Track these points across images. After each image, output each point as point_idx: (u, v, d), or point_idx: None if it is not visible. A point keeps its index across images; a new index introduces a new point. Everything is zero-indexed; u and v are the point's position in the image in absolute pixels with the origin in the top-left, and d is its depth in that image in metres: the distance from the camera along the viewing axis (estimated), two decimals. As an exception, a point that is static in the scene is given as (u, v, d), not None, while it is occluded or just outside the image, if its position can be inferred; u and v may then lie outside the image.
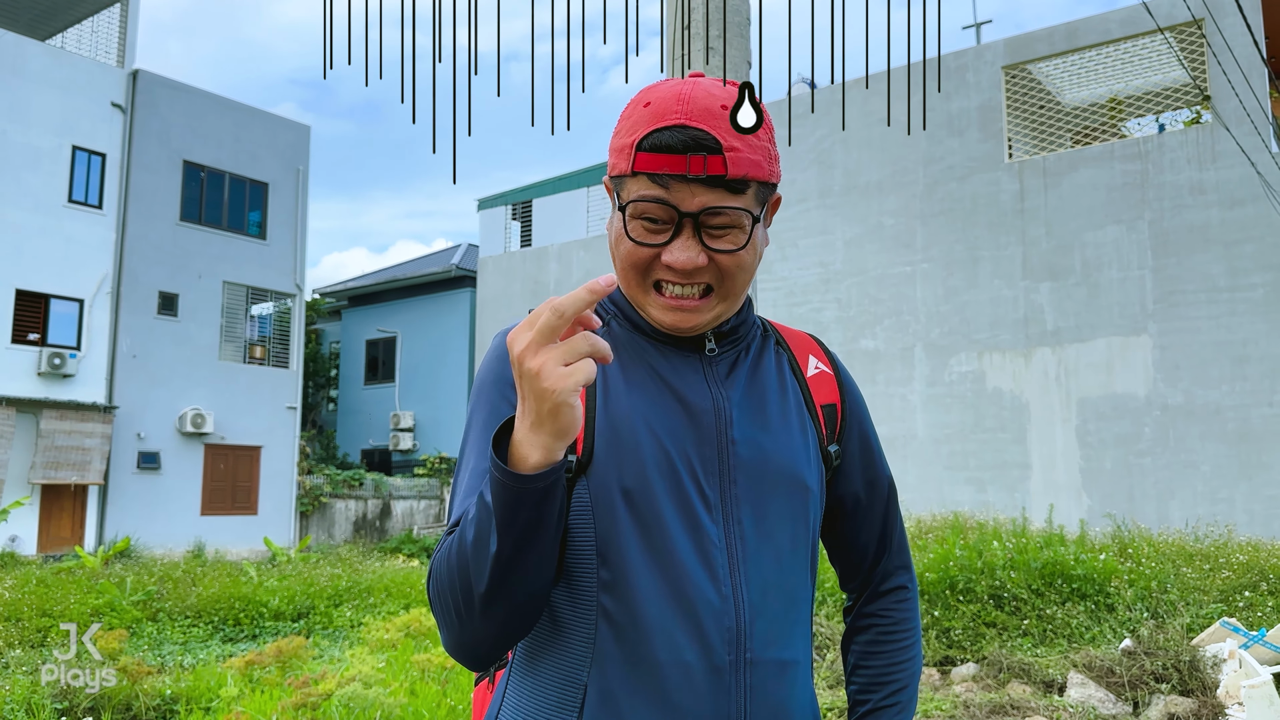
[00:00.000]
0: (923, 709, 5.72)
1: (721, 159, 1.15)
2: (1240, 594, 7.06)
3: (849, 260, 18.98)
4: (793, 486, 1.25)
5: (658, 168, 1.15)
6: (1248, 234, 15.14)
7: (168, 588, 14.01)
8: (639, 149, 1.16)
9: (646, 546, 1.16)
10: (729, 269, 1.19)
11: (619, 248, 1.21)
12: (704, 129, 1.15)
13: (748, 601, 1.19)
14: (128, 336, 19.53)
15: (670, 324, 1.21)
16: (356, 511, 23.07)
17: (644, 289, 1.21)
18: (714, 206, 1.15)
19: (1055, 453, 16.48)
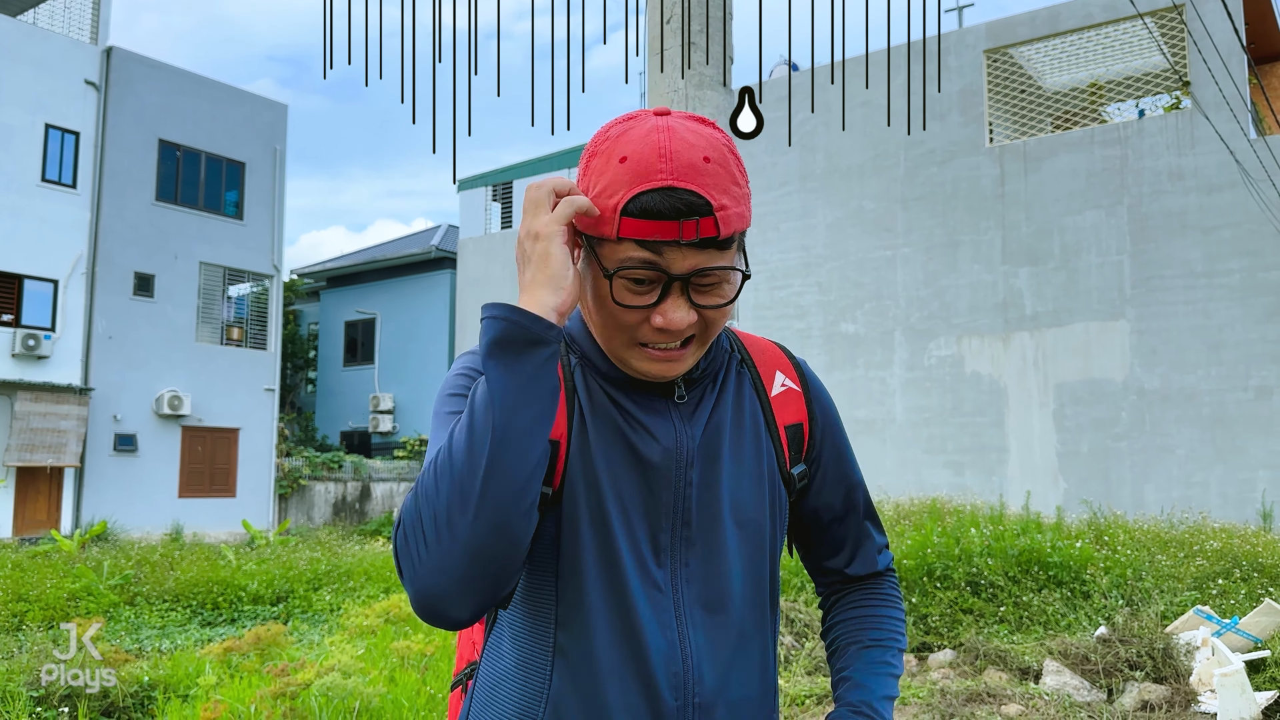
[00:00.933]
0: (900, 696, 5.76)
1: (713, 220, 1.12)
2: (1214, 581, 7.15)
3: (830, 244, 18.99)
4: (744, 525, 1.24)
5: (648, 234, 1.11)
6: (1225, 220, 15.24)
7: (145, 571, 13.92)
8: (624, 214, 1.11)
9: (602, 589, 1.17)
10: (713, 321, 1.18)
11: (602, 308, 1.18)
12: (693, 189, 1.11)
13: (693, 645, 1.19)
14: (103, 318, 19.32)
15: (654, 374, 1.20)
16: (336, 494, 22.99)
17: (627, 345, 1.19)
18: (705, 268, 1.13)
19: (1033, 437, 16.61)
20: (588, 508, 1.18)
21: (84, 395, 18.69)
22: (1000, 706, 5.46)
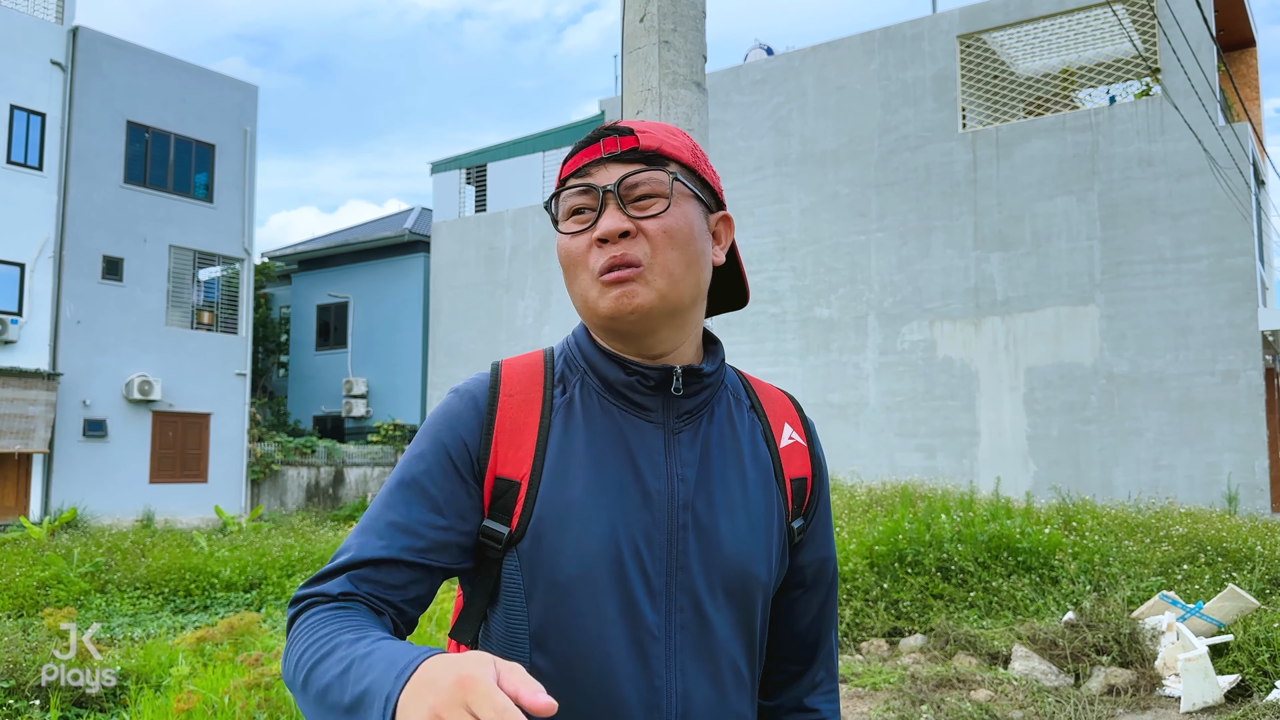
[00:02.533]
0: (871, 681, 5.84)
1: (634, 137, 1.17)
2: (1179, 566, 7.27)
3: (804, 229, 19.04)
4: (742, 574, 1.20)
5: (578, 163, 1.19)
6: (1193, 206, 15.41)
7: (116, 559, 13.81)
8: (564, 162, 1.21)
9: (583, 635, 1.13)
10: (658, 237, 1.15)
11: (561, 257, 1.21)
12: (617, 124, 1.21)
13: (680, 692, 1.15)
14: (71, 302, 19.06)
15: (612, 306, 1.15)
16: (309, 479, 22.88)
17: (590, 284, 1.17)
18: (629, 173, 1.16)
19: (1003, 420, 16.78)
20: (568, 549, 1.13)
21: (52, 380, 18.47)
22: (970, 691, 5.54)
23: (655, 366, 1.20)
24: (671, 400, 1.22)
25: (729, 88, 20.04)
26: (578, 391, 1.22)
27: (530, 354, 1.28)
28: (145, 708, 6.58)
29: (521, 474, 1.16)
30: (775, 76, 19.67)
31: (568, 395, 1.22)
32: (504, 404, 1.19)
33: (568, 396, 1.22)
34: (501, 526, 1.15)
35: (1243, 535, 7.89)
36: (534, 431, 1.18)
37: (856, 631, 7.20)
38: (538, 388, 1.22)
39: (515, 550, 1.15)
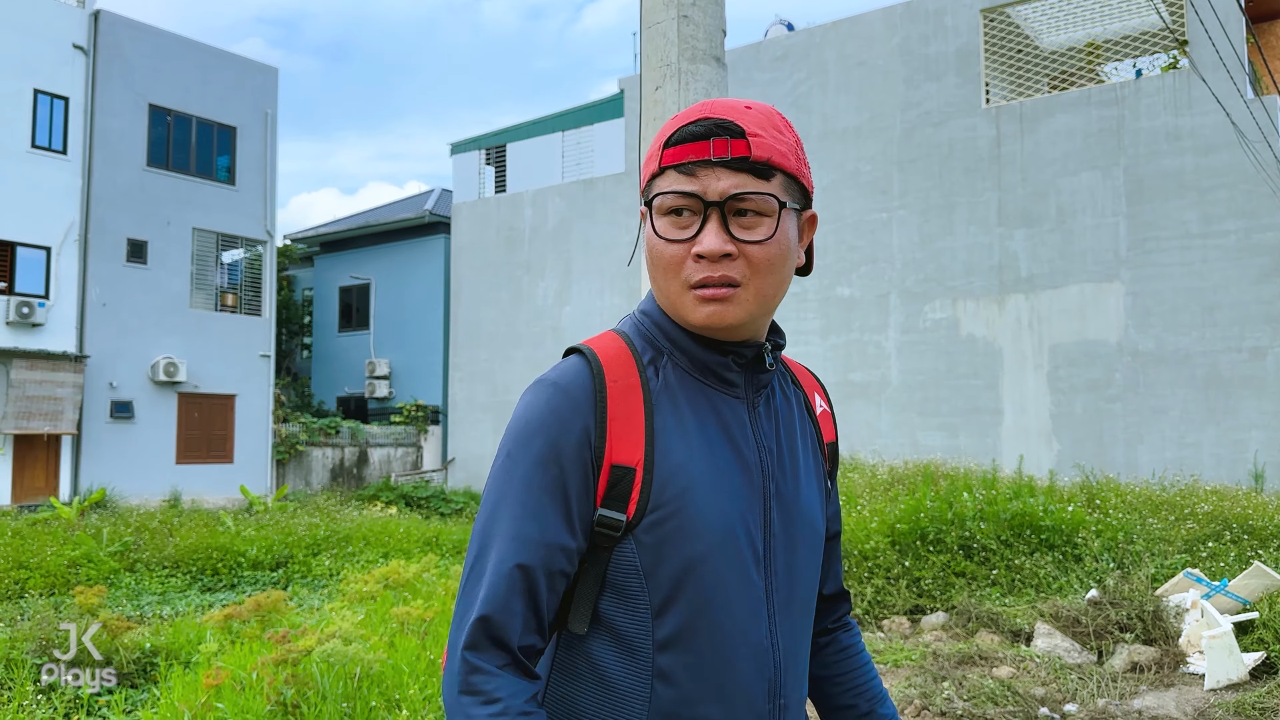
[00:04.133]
0: (893, 658, 5.85)
1: (745, 142, 1.16)
2: (1204, 544, 7.22)
3: (826, 207, 18.92)
4: (813, 533, 1.29)
5: (683, 157, 1.16)
6: (1221, 181, 15.20)
7: (144, 538, 14.01)
8: (666, 145, 1.19)
9: (704, 607, 1.17)
10: (758, 262, 1.17)
11: (650, 253, 1.22)
12: (728, 118, 1.17)
13: (783, 650, 1.23)
14: (97, 285, 19.25)
15: (704, 320, 1.18)
16: (333, 459, 23.07)
17: (681, 292, 1.19)
18: (739, 193, 1.15)
19: (1026, 398, 16.68)
20: (686, 528, 1.17)
21: (79, 363, 18.68)
22: (992, 669, 5.54)
23: (747, 344, 1.25)
24: (752, 375, 1.27)
25: (749, 65, 19.90)
26: (669, 372, 1.24)
27: (606, 337, 1.28)
28: (175, 683, 6.68)
29: (636, 459, 1.17)
30: (796, 53, 19.51)
31: (661, 377, 1.24)
32: (611, 390, 1.19)
33: (661, 378, 1.24)
34: (618, 514, 1.17)
35: (1269, 513, 7.83)
36: (641, 416, 1.19)
37: (878, 609, 7.20)
38: (634, 372, 1.22)
39: (633, 536, 1.17)
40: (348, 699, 5.83)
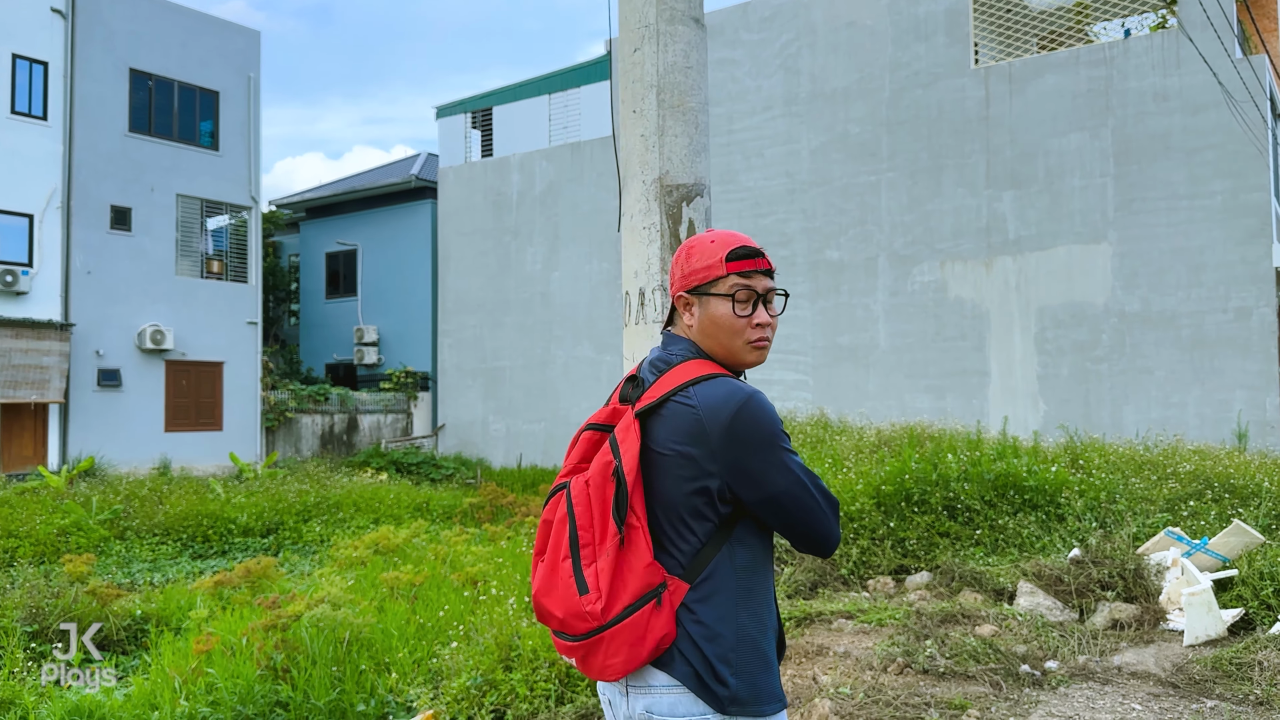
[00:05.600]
0: (876, 617, 5.91)
1: (767, 260, 2.05)
2: (1185, 503, 7.29)
3: (814, 169, 18.86)
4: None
5: (747, 267, 2.00)
6: (1208, 141, 15.19)
7: (134, 506, 14.02)
8: (729, 259, 2.00)
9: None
10: (775, 326, 2.05)
11: (725, 322, 1.99)
12: (758, 248, 2.04)
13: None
14: (81, 252, 19.10)
15: (756, 360, 2.03)
16: (323, 426, 23.07)
17: (744, 347, 2.00)
18: (774, 288, 2.05)
19: (1013, 360, 16.75)
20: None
21: (65, 331, 18.58)
22: (974, 627, 5.61)
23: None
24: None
25: (737, 25, 19.72)
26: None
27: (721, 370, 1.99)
28: (165, 649, 6.72)
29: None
30: (784, 13, 19.34)
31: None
32: None
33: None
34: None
35: (1250, 472, 7.90)
36: None
37: (863, 569, 7.27)
38: None
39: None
40: (337, 663, 5.88)
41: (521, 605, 5.99)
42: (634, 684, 1.88)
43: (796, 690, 4.67)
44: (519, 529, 10.37)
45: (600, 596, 1.80)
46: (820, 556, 1.97)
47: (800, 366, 18.79)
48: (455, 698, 5.00)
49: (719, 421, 1.85)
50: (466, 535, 10.54)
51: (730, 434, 1.85)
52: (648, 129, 2.88)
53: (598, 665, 1.83)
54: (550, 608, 1.85)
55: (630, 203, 2.98)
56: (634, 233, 3.00)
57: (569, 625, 1.82)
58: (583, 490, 1.87)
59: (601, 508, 1.85)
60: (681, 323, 2.03)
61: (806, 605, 6.32)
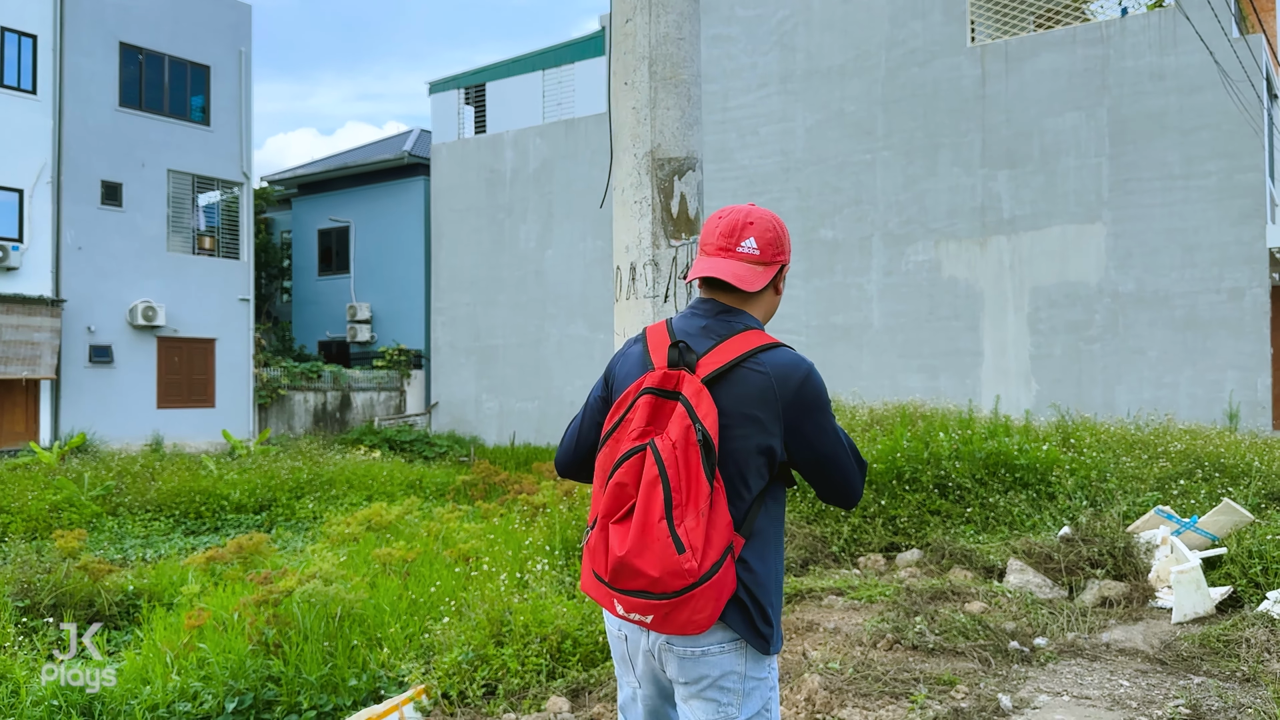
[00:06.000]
0: (867, 594, 5.93)
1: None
2: (1176, 482, 7.32)
3: (809, 148, 18.78)
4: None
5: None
6: (1204, 121, 15.15)
7: (126, 482, 14.00)
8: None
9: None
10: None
11: (777, 302, 2.27)
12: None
13: None
14: (71, 228, 18.98)
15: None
16: (315, 404, 23.04)
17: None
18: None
19: (1006, 340, 16.77)
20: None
21: (56, 307, 18.49)
22: (964, 604, 5.63)
23: None
24: None
25: (732, 1, 19.59)
26: None
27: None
28: (157, 625, 6.73)
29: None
30: (780, -10, 19.19)
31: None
32: None
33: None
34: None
35: (1241, 451, 7.93)
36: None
37: (854, 546, 7.30)
38: None
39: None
40: (329, 638, 5.88)
41: (513, 581, 6.00)
42: (683, 645, 2.04)
43: (786, 666, 4.69)
44: (511, 506, 10.37)
45: (696, 554, 1.88)
46: (845, 509, 2.47)
47: (794, 345, 18.75)
48: (447, 672, 5.01)
49: (789, 387, 2.02)
50: (459, 512, 10.55)
51: (797, 399, 2.02)
52: (639, 101, 2.85)
53: (682, 620, 1.92)
54: (644, 567, 1.88)
55: (621, 176, 2.96)
56: (625, 207, 2.97)
57: (663, 583, 1.88)
58: (670, 453, 1.91)
59: (689, 469, 1.91)
60: (767, 293, 2.19)
61: (798, 582, 6.34)
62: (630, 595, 1.93)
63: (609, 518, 1.95)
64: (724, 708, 2.04)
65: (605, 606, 2.02)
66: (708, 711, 2.05)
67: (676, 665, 2.05)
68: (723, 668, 2.03)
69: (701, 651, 2.02)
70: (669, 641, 2.04)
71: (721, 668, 2.03)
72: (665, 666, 2.08)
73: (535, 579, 6.13)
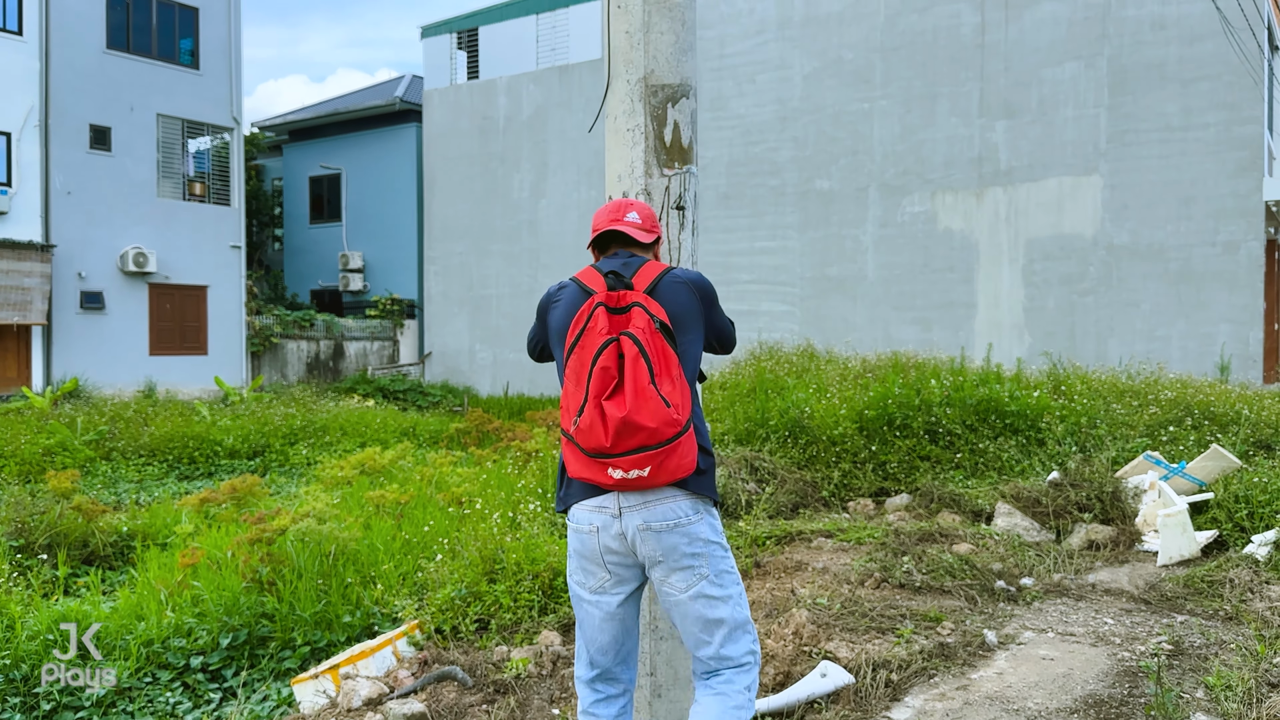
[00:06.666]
0: (855, 536, 5.98)
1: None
2: (1165, 429, 7.36)
3: (806, 96, 18.60)
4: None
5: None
6: (1204, 72, 15.03)
7: (120, 427, 14.00)
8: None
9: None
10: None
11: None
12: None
13: None
14: (60, 172, 18.78)
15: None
16: (309, 352, 23.00)
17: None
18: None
19: (1000, 292, 16.76)
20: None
21: (46, 252, 18.36)
22: (951, 545, 5.68)
23: None
24: None
25: None
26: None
27: None
28: (151, 564, 6.77)
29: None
30: (778, -66, 18.87)
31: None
32: None
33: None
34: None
35: (1231, 400, 7.97)
36: None
37: (844, 492, 7.34)
38: None
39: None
40: (323, 576, 5.92)
41: (506, 521, 6.04)
42: (650, 498, 2.50)
43: (775, 602, 4.74)
44: (505, 453, 10.41)
45: (677, 409, 2.40)
46: (726, 354, 2.86)
47: (788, 298, 18.75)
48: (440, 608, 5.06)
49: (703, 289, 2.69)
50: (453, 458, 10.59)
51: (705, 294, 2.69)
52: (632, 25, 2.81)
53: (673, 466, 2.42)
54: (643, 421, 2.35)
55: (614, 103, 2.92)
56: (618, 135, 2.94)
57: (659, 434, 2.37)
58: (644, 336, 2.43)
59: (660, 348, 2.45)
60: (651, 255, 2.78)
61: (787, 525, 6.39)
62: (629, 455, 2.38)
63: (600, 397, 2.40)
64: (697, 570, 2.51)
65: (597, 480, 2.44)
66: (686, 579, 2.51)
67: (655, 541, 2.48)
68: (692, 535, 2.50)
69: (674, 523, 2.48)
70: (646, 521, 2.48)
71: (691, 535, 2.50)
72: (643, 547, 2.50)
73: (528, 520, 6.16)
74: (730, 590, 2.57)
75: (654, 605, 2.93)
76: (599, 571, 2.57)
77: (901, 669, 3.92)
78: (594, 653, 2.63)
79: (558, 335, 2.65)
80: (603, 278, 2.59)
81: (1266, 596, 4.76)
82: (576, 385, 2.45)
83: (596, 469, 2.42)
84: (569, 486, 2.60)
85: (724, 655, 2.55)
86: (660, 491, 2.48)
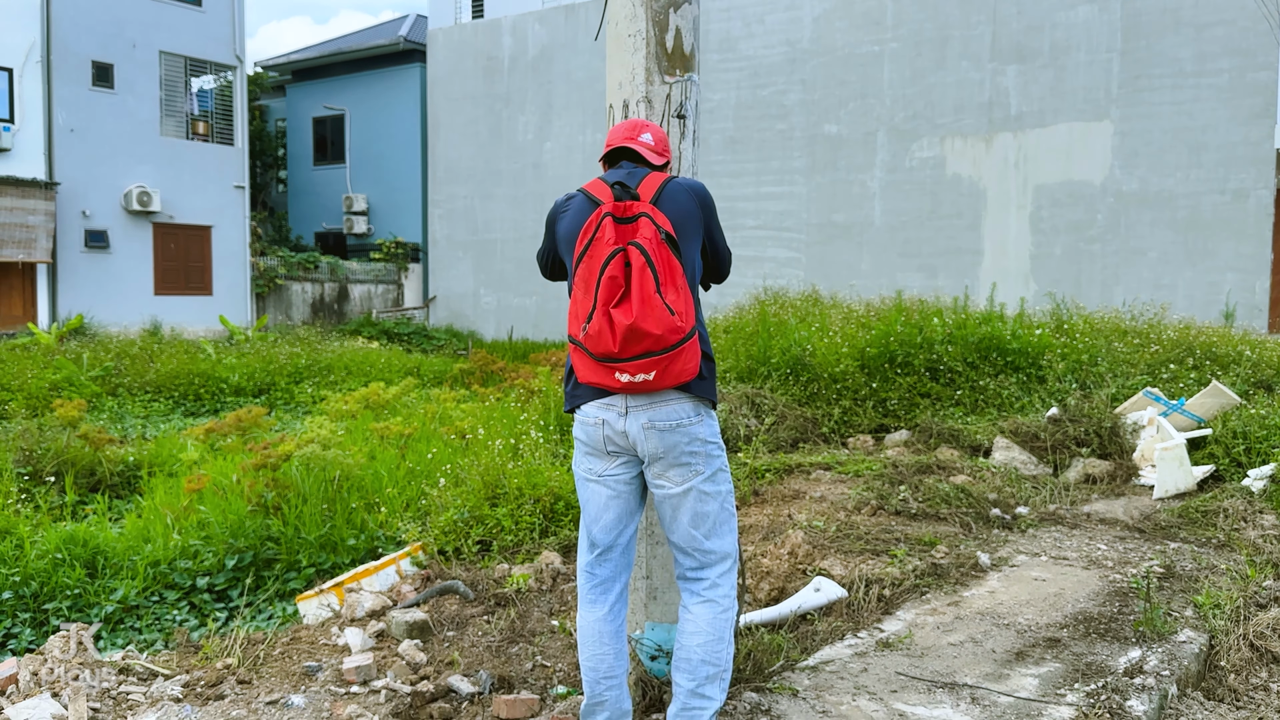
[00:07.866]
0: (854, 469, 6.03)
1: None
2: (1166, 367, 7.37)
3: (816, 38, 18.35)
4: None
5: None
6: (1219, 16, 14.79)
7: (125, 364, 14.08)
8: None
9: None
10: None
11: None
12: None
13: None
14: (63, 109, 18.66)
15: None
16: (313, 294, 23.01)
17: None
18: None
19: (1008, 239, 16.68)
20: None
21: (50, 190, 18.30)
22: (949, 476, 5.73)
23: None
24: None
25: None
26: None
27: None
28: (158, 489, 6.86)
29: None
30: None
31: None
32: None
33: None
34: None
35: (1233, 341, 7.98)
36: None
37: (845, 428, 7.39)
38: None
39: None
40: (328, 500, 6.00)
41: (508, 449, 6.10)
42: (655, 400, 2.61)
43: (772, 525, 4.80)
44: (509, 392, 10.46)
45: (681, 316, 2.48)
46: (719, 283, 2.90)
47: (794, 243, 18.68)
48: (443, 530, 5.13)
49: (701, 195, 2.72)
50: (457, 395, 10.65)
51: (705, 202, 2.73)
52: (635, -73, 2.77)
53: (677, 370, 2.52)
54: (649, 328, 2.44)
55: (616, 8, 2.90)
56: (619, 41, 2.93)
57: (664, 340, 2.46)
58: (650, 246, 2.49)
59: (665, 257, 2.51)
60: (653, 167, 2.79)
61: (787, 458, 6.44)
62: (636, 360, 2.48)
63: (608, 305, 2.48)
64: (694, 466, 2.64)
65: (604, 384, 2.55)
66: (683, 474, 2.65)
67: (657, 439, 2.61)
68: (692, 435, 2.63)
69: (676, 424, 2.61)
70: (650, 420, 2.60)
71: (691, 435, 2.63)
72: (645, 444, 2.62)
73: (529, 449, 6.22)
74: (721, 487, 2.70)
75: (650, 512, 2.98)
76: (604, 457, 2.70)
77: (894, 586, 3.98)
78: (597, 532, 2.74)
79: (566, 244, 2.71)
80: (609, 188, 2.64)
81: (1259, 525, 4.81)
82: (585, 293, 2.53)
83: (604, 373, 2.53)
84: (577, 388, 2.71)
85: (709, 549, 2.68)
86: (664, 394, 2.59)
